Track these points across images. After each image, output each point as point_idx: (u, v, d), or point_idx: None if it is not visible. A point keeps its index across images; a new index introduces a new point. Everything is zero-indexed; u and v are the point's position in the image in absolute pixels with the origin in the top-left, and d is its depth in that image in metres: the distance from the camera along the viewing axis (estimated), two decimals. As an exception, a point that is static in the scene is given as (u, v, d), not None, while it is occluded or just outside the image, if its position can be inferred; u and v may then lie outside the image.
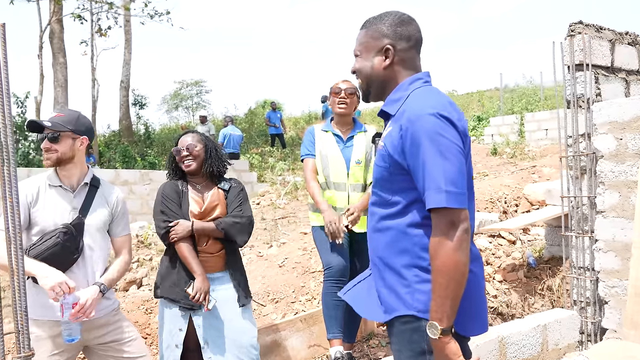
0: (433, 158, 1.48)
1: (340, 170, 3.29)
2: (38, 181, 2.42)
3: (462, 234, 1.46)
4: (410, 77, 1.67)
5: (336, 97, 3.35)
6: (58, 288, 2.16)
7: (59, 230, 2.34)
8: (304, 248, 5.36)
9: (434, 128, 1.49)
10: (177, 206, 2.81)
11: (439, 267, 1.46)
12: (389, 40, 1.68)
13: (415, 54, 1.70)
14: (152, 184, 10.35)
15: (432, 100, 1.56)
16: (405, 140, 1.54)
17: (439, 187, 1.46)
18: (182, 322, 2.73)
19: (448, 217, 1.46)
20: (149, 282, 6.33)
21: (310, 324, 3.65)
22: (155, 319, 4.00)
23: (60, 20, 14.11)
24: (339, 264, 3.07)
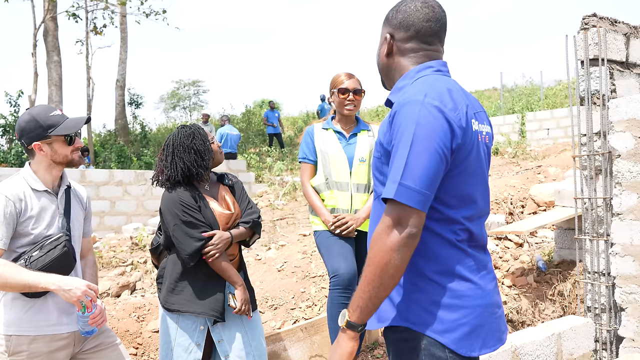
0: (403, 147, 1.38)
1: (342, 169, 3.09)
2: (19, 185, 2.17)
3: (405, 237, 1.35)
4: (420, 65, 1.58)
5: (342, 96, 3.13)
6: (85, 297, 2.03)
7: (63, 238, 2.16)
8: (304, 251, 5.15)
9: (414, 116, 1.39)
10: (201, 215, 2.58)
11: (370, 259, 1.39)
12: (389, 29, 1.63)
13: (419, 44, 1.59)
14: (148, 184, 10.14)
15: (428, 87, 1.45)
16: (393, 127, 1.45)
17: (396, 178, 1.37)
18: (201, 337, 2.56)
19: (396, 212, 1.36)
20: (142, 286, 6.11)
21: (311, 333, 3.44)
22: (148, 327, 3.79)
23: (55, 18, 13.89)
24: (347, 271, 2.84)
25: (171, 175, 2.60)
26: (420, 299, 1.45)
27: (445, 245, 1.46)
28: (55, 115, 2.20)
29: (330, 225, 2.99)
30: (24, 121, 2.17)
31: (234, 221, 2.70)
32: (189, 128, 2.67)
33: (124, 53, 16.83)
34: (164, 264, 2.72)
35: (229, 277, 2.57)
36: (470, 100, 1.54)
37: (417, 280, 1.46)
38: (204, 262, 2.55)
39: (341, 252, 2.92)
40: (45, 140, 2.18)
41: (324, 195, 3.12)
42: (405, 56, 1.60)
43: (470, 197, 1.49)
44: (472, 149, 1.46)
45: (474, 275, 1.48)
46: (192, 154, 2.59)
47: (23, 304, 2.11)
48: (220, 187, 2.76)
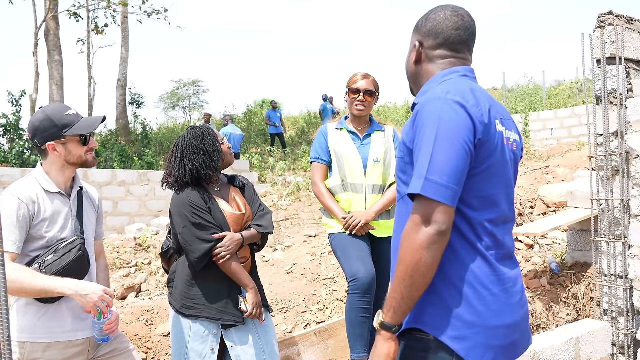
0: (427, 143, 1.38)
1: (357, 170, 3.02)
2: (32, 187, 2.10)
3: (435, 234, 1.33)
4: (446, 70, 1.59)
5: (353, 96, 3.06)
6: (101, 302, 1.98)
7: (78, 242, 2.10)
8: (313, 253, 5.08)
9: (438, 112, 1.40)
10: (211, 216, 2.52)
11: (401, 258, 1.37)
12: (418, 37, 1.65)
13: (447, 52, 1.61)
14: (151, 185, 10.07)
15: (451, 86, 1.46)
16: (416, 125, 1.45)
17: (422, 173, 1.36)
18: (215, 342, 2.49)
19: (424, 208, 1.35)
20: (147, 288, 6.04)
21: (325, 337, 3.37)
22: (157, 331, 3.72)
23: (56, 17, 13.81)
24: (366, 275, 2.76)
25: (179, 176, 2.55)
26: (436, 302, 1.43)
27: (468, 249, 1.43)
28: (70, 114, 2.13)
29: (342, 228, 2.92)
30: (38, 120, 2.10)
31: (245, 223, 2.63)
32: (199, 129, 2.62)
33: (126, 52, 16.75)
34: (175, 267, 2.66)
35: (240, 279, 2.51)
36: (496, 105, 1.53)
37: (436, 283, 1.42)
38: (216, 265, 2.49)
39: (359, 255, 2.84)
40: (60, 140, 2.11)
41: (340, 197, 3.04)
42: (433, 63, 1.62)
43: (494, 199, 1.46)
44: (496, 149, 1.45)
45: (496, 287, 1.44)
46: (201, 155, 2.53)
47: (37, 310, 2.04)
48: (231, 188, 2.70)
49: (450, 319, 1.41)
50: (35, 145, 2.14)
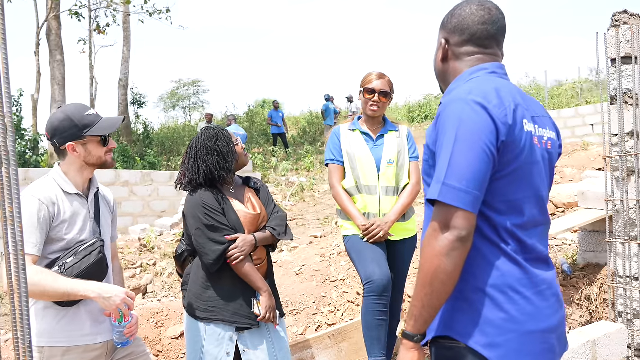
0: (446, 147, 1.34)
1: (370, 172, 2.97)
2: (51, 188, 2.05)
3: (454, 240, 1.28)
4: (474, 67, 1.54)
5: (368, 96, 3.02)
6: (124, 305, 1.94)
7: (98, 244, 2.06)
8: (322, 254, 5.04)
9: (458, 113, 1.35)
10: (225, 218, 2.47)
11: (421, 265, 1.34)
12: (444, 34, 1.60)
13: (474, 48, 1.55)
14: (154, 185, 10.02)
15: (474, 86, 1.41)
16: (438, 126, 1.41)
17: (440, 177, 1.32)
18: (230, 346, 2.45)
19: (442, 214, 1.30)
20: (154, 289, 5.99)
21: (339, 340, 3.33)
22: (167, 334, 3.67)
23: (58, 17, 13.74)
24: (382, 277, 2.72)
25: (193, 177, 2.51)
26: (466, 308, 1.38)
27: (496, 253, 1.38)
28: (90, 114, 2.09)
29: (361, 236, 2.89)
30: (58, 120, 2.06)
31: (260, 224, 2.59)
32: (213, 130, 2.58)
33: (127, 52, 16.68)
34: (189, 270, 2.62)
35: (253, 282, 2.47)
36: (527, 102, 1.47)
37: (465, 289, 1.38)
38: (230, 267, 2.45)
39: (374, 257, 2.80)
40: (80, 141, 2.07)
41: (355, 199, 3.00)
42: (461, 60, 1.56)
43: (520, 203, 1.40)
44: (523, 151, 1.38)
45: (528, 290, 1.38)
46: (214, 156, 2.49)
47: (55, 314, 2.00)
48: (246, 189, 2.67)
49: (481, 325, 1.36)
50: (53, 145, 2.09)
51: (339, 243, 5.21)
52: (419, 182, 3.07)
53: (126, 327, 2.01)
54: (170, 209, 9.90)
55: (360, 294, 4.15)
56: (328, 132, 16.73)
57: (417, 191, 3.03)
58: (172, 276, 6.17)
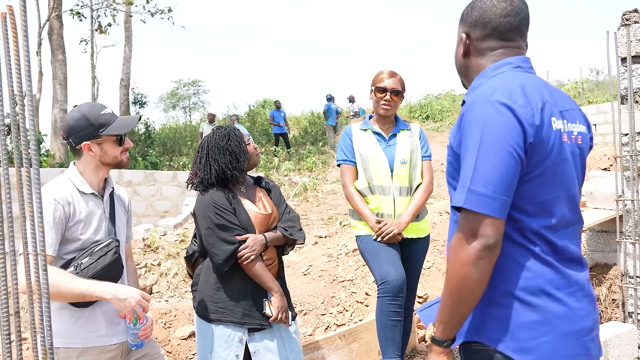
0: (471, 150, 1.28)
1: (383, 172, 2.94)
2: (66, 187, 2.04)
3: (481, 249, 1.24)
4: (497, 62, 1.47)
5: (380, 95, 2.98)
6: (139, 307, 1.92)
7: (113, 244, 2.04)
8: (329, 254, 5.02)
9: (482, 115, 1.29)
10: (235, 217, 2.45)
11: (447, 273, 1.31)
12: (464, 28, 1.54)
13: (497, 41, 1.48)
14: (157, 185, 10.01)
15: (499, 85, 1.35)
16: (461, 128, 1.36)
17: (465, 183, 1.27)
18: (240, 348, 2.42)
19: (469, 222, 1.26)
20: (159, 289, 5.98)
21: (349, 341, 3.31)
22: (176, 334, 3.66)
23: (60, 17, 13.73)
24: (397, 278, 2.70)
25: (205, 177, 2.49)
26: (496, 314, 1.34)
27: (524, 256, 1.33)
28: (106, 113, 2.07)
29: (374, 236, 2.86)
30: (74, 119, 2.04)
31: (271, 224, 2.57)
32: (225, 129, 2.56)
33: (129, 52, 16.65)
34: (199, 270, 2.61)
35: (264, 282, 2.44)
36: (555, 97, 1.41)
37: (494, 294, 1.33)
38: (240, 268, 2.43)
39: (389, 258, 2.77)
40: (96, 140, 2.05)
41: (368, 200, 2.97)
42: (483, 55, 1.50)
43: (551, 204, 1.34)
44: (552, 151, 1.32)
45: (560, 291, 1.33)
46: (226, 155, 2.48)
47: (71, 314, 1.98)
48: (257, 189, 2.65)
49: (512, 329, 1.31)
50: (69, 144, 2.07)
51: (346, 243, 5.20)
52: (432, 182, 3.05)
53: (141, 329, 2.00)
54: (173, 209, 9.88)
55: (369, 294, 4.14)
56: (330, 132, 16.71)
57: (430, 191, 3.01)
58: (177, 276, 6.16)
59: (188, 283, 5.96)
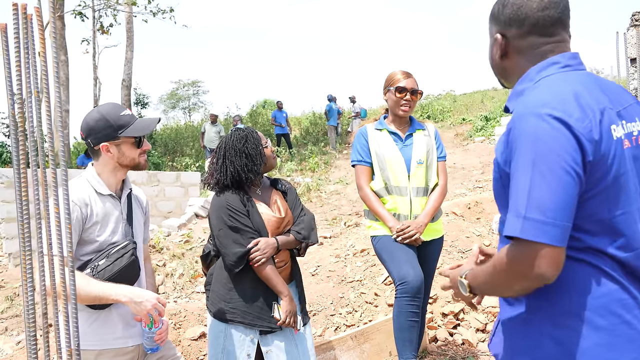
0: (523, 171, 1.15)
1: (400, 172, 2.94)
2: (84, 189, 2.03)
3: (537, 283, 1.13)
4: (542, 62, 1.33)
5: (400, 95, 2.97)
6: (155, 310, 1.92)
7: (130, 246, 2.03)
8: (337, 255, 5.01)
9: (533, 131, 1.15)
10: (249, 220, 2.45)
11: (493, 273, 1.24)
12: (498, 28, 1.40)
13: (538, 38, 1.34)
14: (160, 186, 10.00)
15: (549, 94, 1.20)
16: (509, 145, 1.22)
17: (518, 210, 1.13)
18: (251, 348, 2.43)
19: (524, 254, 1.12)
20: (165, 290, 5.97)
21: (361, 341, 3.31)
22: (186, 335, 3.65)
23: (62, 17, 13.73)
24: (416, 278, 2.69)
25: (220, 178, 2.50)
26: (556, 335, 1.21)
27: (590, 273, 1.21)
28: (125, 115, 2.07)
29: (395, 236, 2.85)
30: (93, 120, 2.03)
31: (285, 227, 2.57)
32: (242, 131, 2.57)
33: (130, 52, 16.65)
34: (212, 270, 2.61)
35: (274, 285, 2.44)
36: (611, 96, 1.28)
37: (554, 313, 1.22)
38: (252, 270, 2.44)
39: (407, 258, 2.77)
40: (114, 142, 2.04)
41: (385, 201, 2.97)
42: (524, 54, 1.36)
43: (617, 221, 1.21)
44: (613, 164, 1.19)
45: (629, 312, 1.20)
46: (243, 158, 2.48)
47: (87, 317, 1.97)
48: (273, 191, 2.65)
49: (573, 354, 1.19)
50: (87, 145, 2.07)
51: (353, 243, 5.20)
52: (446, 183, 3.05)
53: (156, 334, 1.99)
54: (177, 209, 9.87)
55: (378, 294, 4.14)
56: (331, 132, 16.70)
57: (445, 192, 3.02)
58: (183, 277, 6.15)
59: (194, 284, 5.95)
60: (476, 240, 4.81)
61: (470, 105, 20.66)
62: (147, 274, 2.32)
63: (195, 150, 16.92)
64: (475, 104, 20.87)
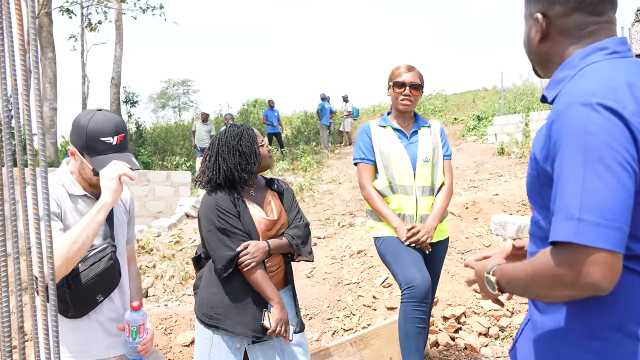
0: (573, 169, 1.01)
1: (406, 171, 2.80)
2: (54, 190, 1.86)
3: (591, 292, 0.99)
4: (587, 47, 1.18)
5: (398, 90, 2.85)
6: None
7: (109, 249, 1.87)
8: (332, 256, 4.88)
9: (582, 125, 1.02)
10: (239, 221, 2.30)
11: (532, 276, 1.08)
12: (538, 6, 1.24)
13: (585, 16, 1.19)
14: (150, 185, 9.82)
15: (598, 82, 1.07)
16: (551, 139, 1.08)
17: (570, 212, 0.99)
18: (238, 356, 2.29)
19: (577, 260, 0.97)
20: (155, 292, 5.81)
21: (360, 347, 3.18)
22: (177, 341, 3.50)
23: (50, 14, 13.49)
24: (423, 283, 2.54)
25: (212, 177, 2.35)
26: (598, 349, 1.10)
27: (638, 283, 1.08)
28: (105, 142, 1.87)
29: (404, 240, 2.71)
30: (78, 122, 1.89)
31: (278, 230, 2.42)
32: (238, 128, 2.40)
33: (120, 50, 16.41)
34: (201, 273, 2.47)
35: (264, 291, 2.27)
36: None
37: (595, 324, 1.10)
38: (242, 274, 2.29)
39: (413, 261, 2.62)
40: (80, 153, 1.90)
41: (389, 200, 2.83)
42: (568, 36, 1.21)
43: None
44: None
45: None
46: (236, 156, 2.32)
47: (65, 326, 1.81)
48: (268, 192, 2.49)
49: None
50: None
51: (350, 244, 5.07)
52: (452, 183, 2.93)
53: (140, 344, 1.88)
54: (167, 209, 9.70)
55: (377, 297, 4.01)
56: (323, 131, 16.58)
57: (451, 192, 2.90)
58: (174, 279, 5.99)
59: (185, 286, 5.79)
60: (476, 242, 4.70)
61: (461, 105, 20.64)
62: (132, 276, 2.16)
63: (185, 149, 16.71)
64: (466, 103, 20.86)
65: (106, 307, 1.94)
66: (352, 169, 12.42)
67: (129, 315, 1.89)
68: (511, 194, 6.21)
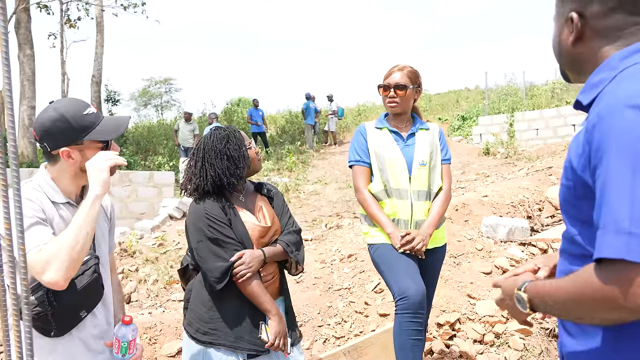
0: (620, 176, 0.92)
1: (401, 174, 2.70)
2: (36, 197, 1.69)
3: (632, 314, 0.90)
4: (627, 49, 1.08)
5: (384, 93, 2.77)
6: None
7: (92, 262, 1.72)
8: (322, 260, 4.76)
9: (630, 128, 0.93)
10: (231, 230, 2.17)
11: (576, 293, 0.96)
12: (573, 5, 1.15)
13: (626, 16, 1.10)
14: (132, 186, 9.60)
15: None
16: (591, 145, 0.99)
17: (619, 225, 0.90)
18: None
19: (625, 280, 0.88)
20: (138, 298, 5.64)
21: (354, 357, 3.07)
22: (162, 351, 3.35)
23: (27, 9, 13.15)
24: (417, 293, 2.44)
25: (200, 183, 2.21)
26: None
27: None
28: (90, 114, 1.71)
29: (398, 247, 2.60)
30: (50, 120, 1.67)
31: (272, 236, 2.29)
32: (224, 130, 2.28)
33: (101, 47, 16.05)
34: (191, 286, 2.32)
35: (261, 303, 2.15)
36: None
37: (635, 351, 1.00)
38: (236, 285, 2.16)
39: (407, 271, 2.52)
40: (77, 146, 1.70)
41: (383, 204, 2.72)
42: (604, 37, 1.12)
43: None
44: None
45: None
46: (224, 160, 2.19)
47: (44, 345, 1.66)
48: (258, 197, 2.36)
49: None
50: (43, 148, 1.72)
51: (339, 248, 4.95)
52: (450, 188, 2.83)
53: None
54: (150, 210, 9.48)
55: (369, 303, 3.90)
56: (308, 131, 16.46)
57: (449, 198, 2.80)
58: (157, 283, 5.82)
59: (169, 291, 5.63)
60: (468, 245, 4.62)
61: (445, 105, 20.67)
62: (114, 289, 2.01)
63: (168, 149, 16.45)
64: (450, 103, 20.89)
65: (89, 324, 1.79)
66: (337, 169, 12.32)
67: (118, 330, 1.76)
68: (500, 195, 6.15)
